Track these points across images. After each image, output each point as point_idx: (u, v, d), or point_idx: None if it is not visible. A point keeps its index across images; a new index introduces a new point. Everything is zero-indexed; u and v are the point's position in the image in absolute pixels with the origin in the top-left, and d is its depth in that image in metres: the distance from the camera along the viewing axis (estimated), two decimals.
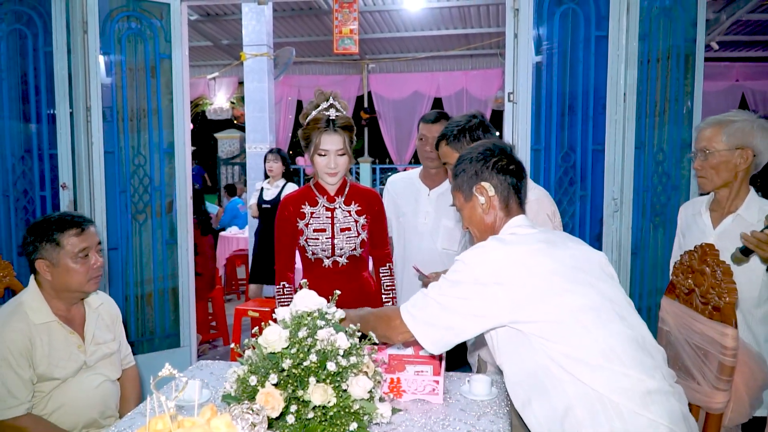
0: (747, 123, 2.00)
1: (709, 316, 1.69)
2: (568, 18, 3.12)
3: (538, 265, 1.45)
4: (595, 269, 1.54)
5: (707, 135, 2.04)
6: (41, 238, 1.91)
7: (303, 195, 2.39)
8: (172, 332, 3.60)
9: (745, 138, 1.99)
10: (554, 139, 3.17)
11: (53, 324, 1.93)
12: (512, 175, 1.69)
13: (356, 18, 5.47)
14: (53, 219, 1.94)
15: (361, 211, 2.38)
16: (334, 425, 1.41)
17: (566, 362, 1.39)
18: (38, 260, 1.92)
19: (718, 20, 6.64)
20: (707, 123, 2.08)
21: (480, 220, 1.69)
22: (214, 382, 1.94)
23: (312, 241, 2.33)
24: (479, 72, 9.33)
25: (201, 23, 7.73)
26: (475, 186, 1.67)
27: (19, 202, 3.29)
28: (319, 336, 1.46)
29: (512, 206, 1.68)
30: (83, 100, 3.26)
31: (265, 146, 5.86)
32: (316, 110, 2.26)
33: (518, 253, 1.49)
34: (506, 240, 1.56)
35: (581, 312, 1.41)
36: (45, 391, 1.90)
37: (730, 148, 2.00)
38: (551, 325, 1.40)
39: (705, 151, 2.04)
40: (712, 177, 2.05)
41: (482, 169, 1.68)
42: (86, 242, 1.94)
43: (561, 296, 1.42)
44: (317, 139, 2.24)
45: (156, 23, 3.43)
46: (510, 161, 1.70)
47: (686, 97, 3.12)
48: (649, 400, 1.34)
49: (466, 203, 1.71)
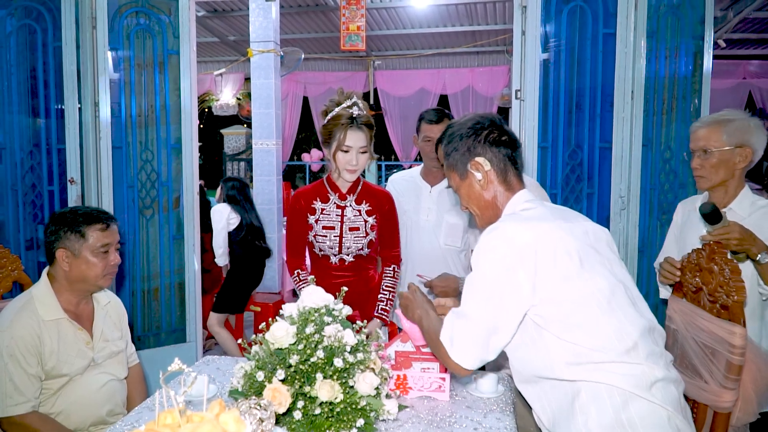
0: (744, 121, 2.04)
1: (717, 314, 1.68)
2: (575, 15, 3.11)
3: (562, 243, 1.40)
4: (604, 248, 1.51)
5: (706, 134, 2.06)
6: (66, 228, 1.94)
7: (315, 190, 2.39)
8: (179, 327, 3.61)
9: (744, 136, 2.02)
10: (561, 136, 3.16)
11: (62, 321, 1.94)
12: (506, 146, 1.61)
13: (363, 15, 5.46)
14: (80, 211, 1.98)
15: (372, 211, 2.38)
16: (341, 421, 1.41)
17: (579, 354, 1.37)
18: (59, 249, 1.94)
19: (726, 18, 6.60)
20: (704, 122, 2.10)
21: (479, 197, 1.63)
22: (221, 378, 1.95)
23: (320, 238, 2.33)
24: (485, 69, 9.30)
25: (208, 19, 7.73)
26: (469, 162, 1.61)
27: (27, 197, 3.31)
28: (326, 332, 1.47)
29: (512, 180, 1.61)
30: (91, 96, 3.26)
31: (272, 142, 5.86)
32: (339, 107, 2.26)
33: (541, 230, 1.42)
34: (523, 216, 1.50)
35: (598, 296, 1.38)
36: (53, 389, 1.91)
37: (730, 146, 2.02)
38: (568, 308, 1.37)
39: (705, 150, 2.05)
40: (711, 175, 2.06)
41: (474, 143, 1.61)
42: (109, 238, 1.99)
43: (581, 278, 1.38)
44: (341, 134, 2.23)
45: (164, 19, 3.43)
46: (501, 132, 1.62)
47: (694, 94, 3.11)
48: (654, 388, 1.34)
49: (463, 181, 1.65)
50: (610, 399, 1.33)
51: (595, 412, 1.34)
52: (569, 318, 1.37)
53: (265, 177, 5.93)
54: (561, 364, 1.39)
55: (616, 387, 1.33)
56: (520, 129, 3.16)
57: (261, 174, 5.94)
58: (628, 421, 1.31)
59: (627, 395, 1.33)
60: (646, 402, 1.32)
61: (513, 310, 1.40)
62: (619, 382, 1.33)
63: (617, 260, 1.52)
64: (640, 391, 1.32)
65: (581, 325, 1.37)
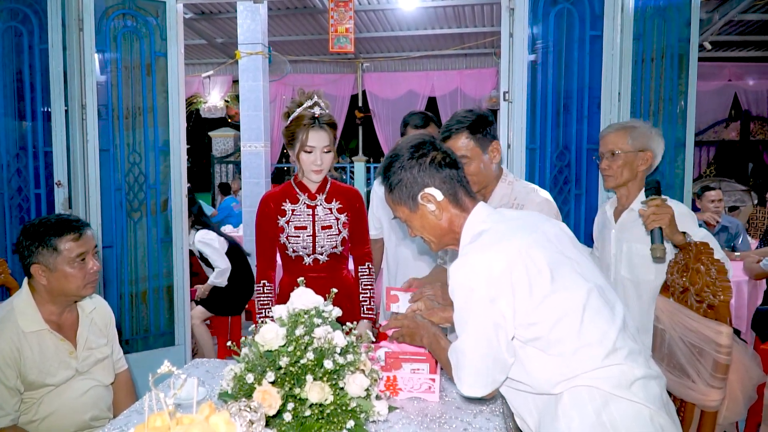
0: (647, 129, 2.31)
1: (704, 314, 1.70)
2: (563, 17, 3.13)
3: (532, 262, 1.37)
4: (570, 248, 1.48)
5: (614, 139, 2.30)
6: (37, 243, 1.85)
7: (284, 192, 2.38)
8: (167, 330, 3.59)
9: (646, 142, 2.28)
10: (549, 138, 3.18)
11: (44, 332, 1.89)
12: (452, 166, 1.54)
13: (352, 17, 5.46)
14: (50, 223, 1.89)
15: (342, 209, 2.38)
16: (331, 423, 1.41)
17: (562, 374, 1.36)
18: (34, 265, 1.87)
19: (711, 20, 6.67)
20: (613, 128, 2.36)
21: (434, 226, 1.55)
22: (210, 380, 1.94)
23: (293, 239, 2.32)
24: (473, 71, 9.34)
25: (196, 21, 7.71)
26: (419, 195, 1.52)
27: (13, 200, 3.28)
28: (316, 334, 1.46)
29: (463, 199, 1.54)
30: (78, 98, 3.25)
31: (260, 145, 5.85)
32: (300, 108, 2.25)
33: (511, 252, 1.37)
34: (487, 241, 1.42)
35: (574, 307, 1.36)
36: (36, 398, 1.87)
37: (634, 150, 2.27)
38: (547, 326, 1.36)
39: (613, 152, 2.29)
40: (617, 175, 2.29)
41: (419, 173, 1.52)
42: (83, 247, 1.90)
43: (555, 294, 1.36)
44: (303, 135, 2.22)
45: (152, 21, 3.42)
46: (444, 152, 1.55)
47: (680, 96, 3.14)
48: (635, 387, 1.34)
49: (414, 213, 1.56)
50: (591, 401, 1.34)
51: (577, 415, 1.34)
52: (550, 335, 1.36)
53: (254, 179, 5.91)
54: (546, 383, 1.39)
55: (596, 389, 1.34)
56: (508, 130, 3.17)
57: (249, 176, 5.92)
58: (609, 422, 1.31)
59: (607, 396, 1.33)
60: (626, 401, 1.32)
61: (505, 338, 1.38)
62: (598, 384, 1.34)
63: (584, 258, 1.49)
64: (620, 391, 1.33)
65: (562, 340, 1.36)
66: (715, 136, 10.03)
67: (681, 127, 3.14)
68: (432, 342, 1.68)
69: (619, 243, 2.31)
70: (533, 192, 2.16)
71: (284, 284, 2.39)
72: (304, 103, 2.26)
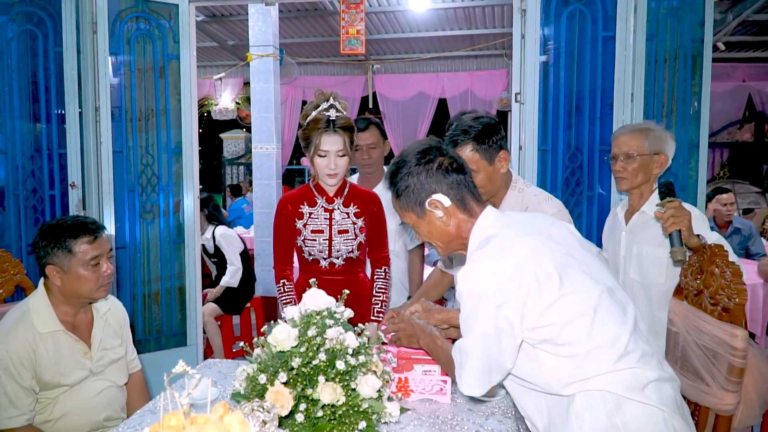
0: (662, 131, 2.28)
1: (719, 317, 1.69)
2: (575, 18, 3.12)
3: (541, 267, 1.36)
4: (578, 249, 1.48)
5: (628, 140, 2.27)
6: (53, 244, 1.87)
7: (302, 194, 2.38)
8: (179, 331, 3.61)
9: (661, 145, 2.25)
10: (561, 139, 3.17)
11: (59, 333, 1.91)
12: (459, 171, 1.53)
13: (363, 19, 5.47)
14: (66, 224, 1.90)
15: (360, 213, 2.36)
16: (343, 424, 1.41)
17: (573, 374, 1.36)
18: (49, 266, 1.89)
19: (725, 21, 6.61)
20: (627, 129, 2.32)
21: (442, 232, 1.55)
22: (222, 381, 1.95)
23: (309, 242, 2.32)
24: (484, 73, 9.32)
25: (207, 24, 7.74)
26: (427, 201, 1.52)
27: (28, 201, 3.31)
28: (328, 335, 1.46)
29: (471, 204, 1.53)
30: (92, 100, 3.27)
31: (271, 147, 5.87)
32: (316, 111, 2.24)
33: (520, 257, 1.37)
34: (495, 247, 1.42)
35: (585, 310, 1.35)
36: (51, 398, 1.89)
37: (650, 152, 2.24)
38: (558, 329, 1.35)
39: (628, 154, 2.25)
40: (632, 178, 2.27)
41: (427, 179, 1.51)
42: (98, 250, 1.91)
43: (565, 298, 1.35)
44: (317, 139, 2.21)
45: (164, 24, 3.45)
46: (450, 158, 1.54)
47: (693, 97, 3.12)
48: (648, 390, 1.33)
49: (421, 219, 1.55)
50: (604, 404, 1.33)
51: (590, 417, 1.33)
52: (560, 337, 1.35)
53: (265, 181, 5.93)
54: (557, 383, 1.38)
55: (609, 392, 1.33)
56: (520, 132, 3.16)
57: (261, 178, 5.94)
58: (623, 425, 1.30)
59: (620, 399, 1.32)
60: (640, 404, 1.31)
61: (509, 344, 1.38)
62: (611, 387, 1.33)
63: (593, 259, 1.48)
64: (634, 394, 1.31)
65: (573, 342, 1.35)
66: (728, 137, 9.95)
67: (694, 128, 3.12)
68: (429, 343, 1.68)
69: (629, 245, 2.30)
70: (545, 202, 2.12)
71: (300, 286, 2.38)
72: (320, 105, 2.24)
